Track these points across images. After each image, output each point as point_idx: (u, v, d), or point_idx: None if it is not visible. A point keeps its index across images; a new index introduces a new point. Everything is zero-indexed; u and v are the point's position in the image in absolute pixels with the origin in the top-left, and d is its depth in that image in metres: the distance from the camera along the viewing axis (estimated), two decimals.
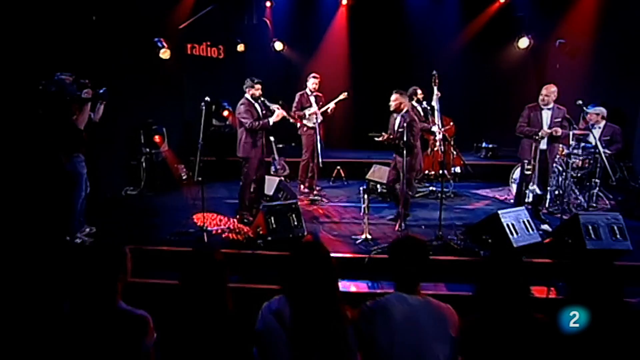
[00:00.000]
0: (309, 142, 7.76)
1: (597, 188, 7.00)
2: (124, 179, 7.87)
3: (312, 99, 7.77)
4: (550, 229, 5.68)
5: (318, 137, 7.33)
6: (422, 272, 2.42)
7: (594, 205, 6.97)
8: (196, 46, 9.28)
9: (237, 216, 6.27)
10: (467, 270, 4.96)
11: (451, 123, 8.33)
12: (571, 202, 6.83)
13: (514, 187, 7.49)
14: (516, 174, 7.50)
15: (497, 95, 10.29)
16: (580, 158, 6.88)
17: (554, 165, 6.38)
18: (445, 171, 7.91)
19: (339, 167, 8.87)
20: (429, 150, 8.14)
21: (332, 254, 5.04)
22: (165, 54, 8.13)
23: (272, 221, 5.20)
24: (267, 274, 4.97)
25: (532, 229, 5.08)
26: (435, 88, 8.04)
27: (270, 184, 6.76)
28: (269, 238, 5.12)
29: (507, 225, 4.95)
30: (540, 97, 6.11)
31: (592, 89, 9.01)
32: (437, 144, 7.79)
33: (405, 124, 5.83)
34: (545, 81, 10.38)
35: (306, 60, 10.93)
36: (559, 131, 5.88)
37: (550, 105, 6.03)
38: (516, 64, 10.27)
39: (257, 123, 5.91)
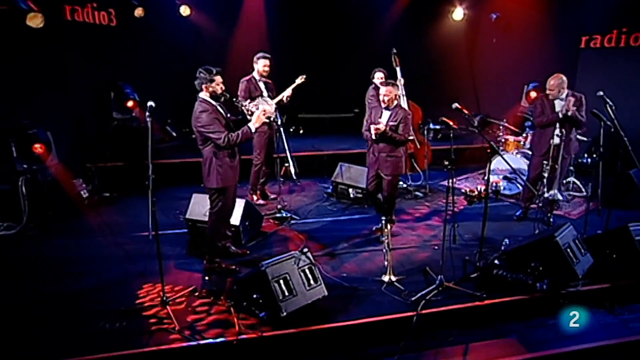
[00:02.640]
0: (262, 142, 5.87)
1: (573, 175, 6.55)
2: None
3: (262, 85, 5.81)
4: None
5: (283, 136, 5.48)
6: None
7: (572, 193, 6.51)
8: (78, 9, 6.39)
9: (206, 266, 4.26)
10: (523, 313, 3.91)
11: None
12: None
13: (493, 179, 6.67)
14: (494, 164, 6.67)
15: (435, 71, 9.34)
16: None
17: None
18: (416, 164, 6.83)
19: (287, 165, 7.09)
20: None
21: (365, 319, 3.65)
22: (34, 19, 5.31)
23: (281, 287, 3.41)
24: None
25: (584, 249, 4.18)
26: (397, 70, 6.68)
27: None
28: (284, 313, 3.34)
29: (567, 251, 3.95)
30: (547, 91, 5.21)
31: (531, 65, 8.58)
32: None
33: (399, 120, 4.75)
34: (481, 55, 9.85)
35: (221, 28, 8.61)
36: (571, 107, 5.00)
37: (563, 95, 5.14)
38: (452, 38, 9.40)
39: (235, 135, 3.88)
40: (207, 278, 4.07)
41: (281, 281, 3.43)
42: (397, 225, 5.29)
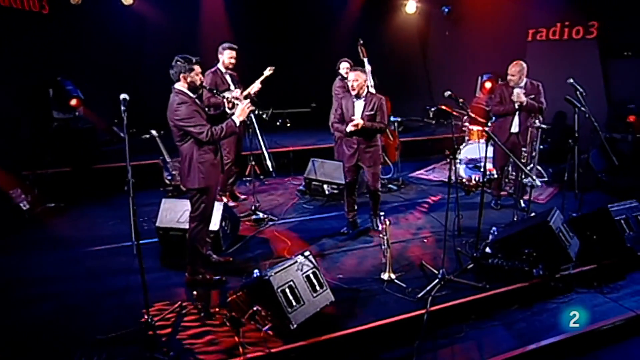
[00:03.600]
0: (232, 139, 5.39)
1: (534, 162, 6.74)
2: None
3: (228, 78, 5.35)
4: None
5: (257, 130, 5.05)
6: None
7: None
8: None
9: (188, 279, 3.78)
10: (524, 300, 3.88)
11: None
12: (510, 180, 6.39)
13: (462, 169, 6.70)
14: (464, 152, 6.70)
15: (390, 64, 9.28)
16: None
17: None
18: (387, 158, 6.70)
19: (253, 163, 6.66)
20: None
21: (376, 322, 3.39)
22: None
23: (287, 296, 3.07)
24: None
25: (572, 232, 4.24)
26: (365, 60, 6.49)
27: None
28: (294, 325, 3.00)
29: (559, 235, 3.98)
30: (508, 78, 5.28)
31: (483, 57, 8.79)
32: None
33: (375, 107, 4.50)
34: (434, 48, 9.93)
35: (168, 17, 7.90)
36: (522, 98, 5.10)
37: (522, 83, 5.23)
38: (406, 31, 9.44)
39: (219, 129, 3.45)
40: (195, 293, 3.59)
41: (287, 290, 3.08)
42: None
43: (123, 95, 2.97)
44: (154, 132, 6.27)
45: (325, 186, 5.94)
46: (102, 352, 2.93)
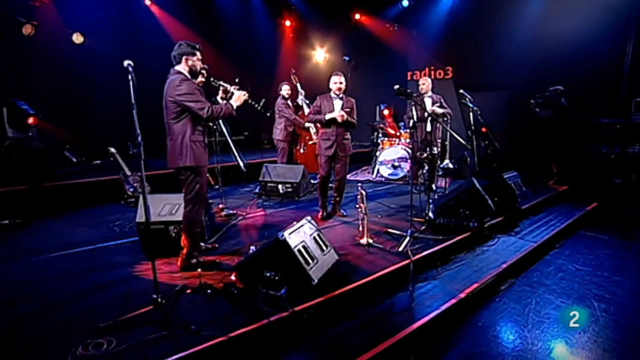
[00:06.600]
0: None
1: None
2: None
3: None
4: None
5: (227, 136, 4.46)
6: None
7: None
8: None
9: (182, 263, 2.98)
10: (471, 245, 3.86)
11: None
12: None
13: (382, 169, 6.74)
14: (382, 156, 6.77)
15: (311, 100, 9.27)
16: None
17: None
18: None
19: (207, 175, 5.85)
20: (302, 145, 6.38)
21: (376, 274, 3.02)
22: None
23: (303, 255, 2.55)
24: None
25: (486, 194, 4.40)
26: (298, 85, 6.37)
27: None
28: (315, 281, 2.48)
29: (484, 196, 4.09)
30: (420, 88, 5.54)
31: (378, 92, 9.27)
32: (315, 138, 6.20)
33: (351, 106, 4.39)
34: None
35: (118, 57, 6.79)
36: (437, 110, 5.44)
37: (429, 94, 5.53)
38: (319, 74, 9.55)
39: (218, 108, 2.87)
40: (199, 270, 2.81)
41: (302, 249, 2.57)
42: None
43: (127, 62, 2.28)
44: (112, 149, 5.22)
45: (279, 186, 5.44)
46: (110, 338, 2.06)
